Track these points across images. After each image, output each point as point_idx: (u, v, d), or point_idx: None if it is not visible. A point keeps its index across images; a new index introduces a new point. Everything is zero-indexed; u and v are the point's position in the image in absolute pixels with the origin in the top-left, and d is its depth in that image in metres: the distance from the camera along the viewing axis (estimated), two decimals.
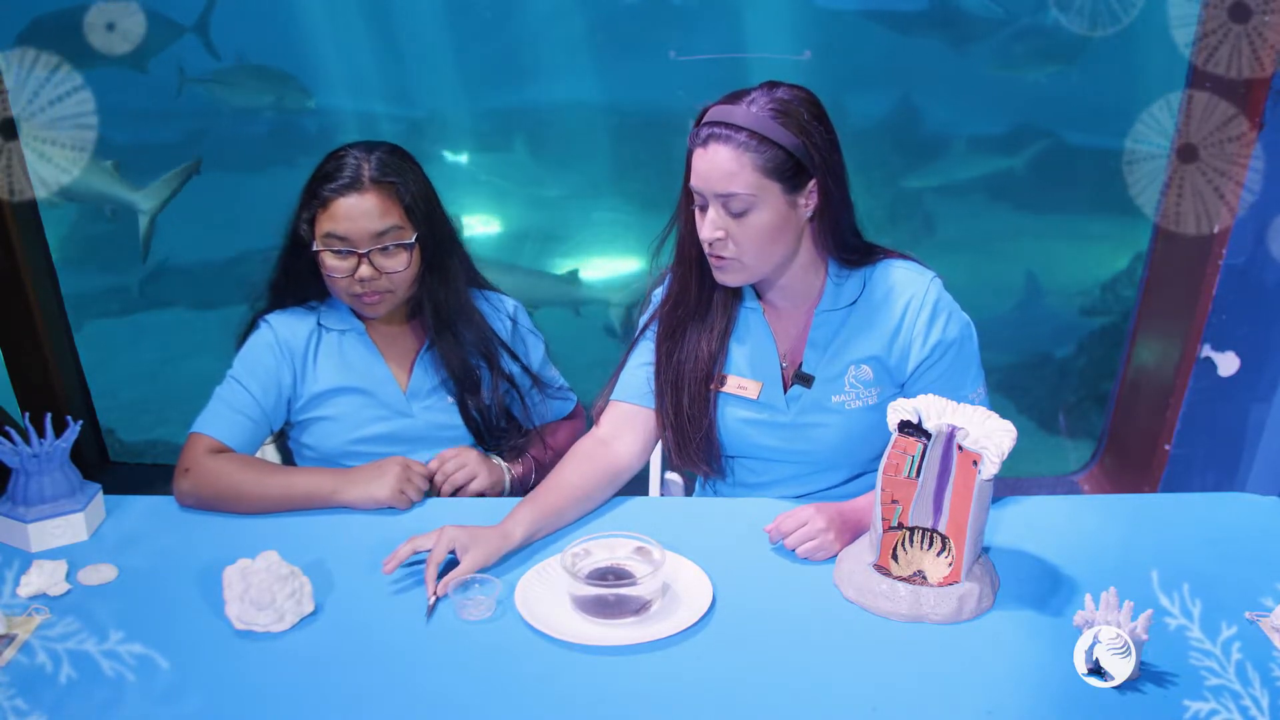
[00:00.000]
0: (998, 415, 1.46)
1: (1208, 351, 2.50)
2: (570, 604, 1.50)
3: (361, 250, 1.81)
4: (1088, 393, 4.85)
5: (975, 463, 1.44)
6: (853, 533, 1.65)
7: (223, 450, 1.83)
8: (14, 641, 1.44)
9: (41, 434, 1.70)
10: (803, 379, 1.78)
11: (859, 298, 1.76)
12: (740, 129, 1.61)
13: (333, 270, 1.83)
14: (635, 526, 1.59)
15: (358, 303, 1.87)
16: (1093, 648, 1.33)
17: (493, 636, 1.46)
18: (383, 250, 1.82)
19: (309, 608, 1.49)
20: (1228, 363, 2.51)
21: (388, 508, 1.78)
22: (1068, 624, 1.41)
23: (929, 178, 5.95)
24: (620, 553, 1.54)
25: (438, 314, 1.92)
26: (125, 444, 4.42)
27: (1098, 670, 1.33)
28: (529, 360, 2.02)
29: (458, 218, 1.98)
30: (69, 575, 1.60)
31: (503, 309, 2.03)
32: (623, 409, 1.85)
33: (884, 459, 1.50)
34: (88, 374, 3.27)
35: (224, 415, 1.87)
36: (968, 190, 5.94)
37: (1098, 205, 5.10)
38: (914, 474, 1.49)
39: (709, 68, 5.14)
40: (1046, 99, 5.77)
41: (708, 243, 1.67)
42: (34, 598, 1.55)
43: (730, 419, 1.82)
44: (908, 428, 1.48)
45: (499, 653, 1.43)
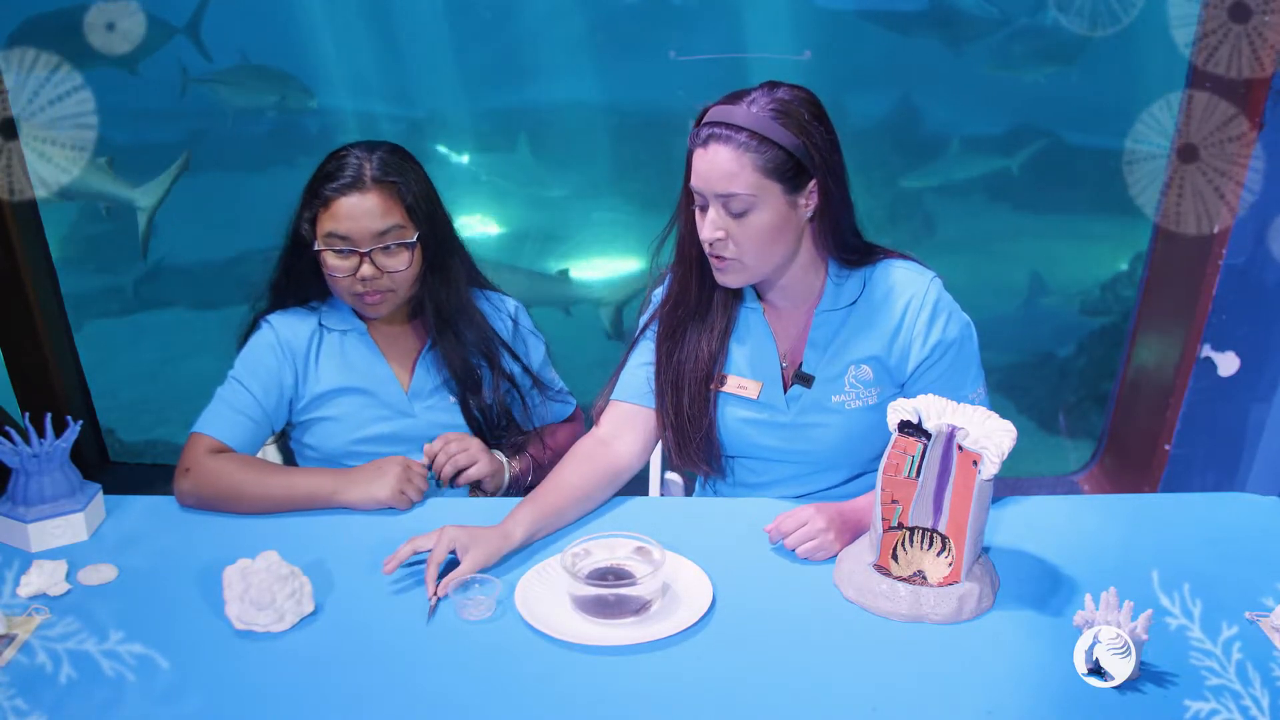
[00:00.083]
0: (998, 415, 1.46)
1: (1208, 351, 2.50)
2: (570, 604, 1.50)
3: (363, 250, 1.81)
4: (1088, 393, 4.86)
5: (975, 463, 1.44)
6: (853, 533, 1.65)
7: (223, 450, 1.83)
8: (14, 641, 1.44)
9: (41, 434, 1.70)
10: (803, 379, 1.78)
11: (859, 298, 1.76)
12: (741, 129, 1.61)
13: (334, 270, 1.83)
14: (635, 526, 1.59)
15: (359, 303, 1.87)
16: (1093, 648, 1.33)
17: (493, 636, 1.46)
18: (384, 249, 1.82)
19: (309, 608, 1.49)
20: (1228, 363, 2.51)
21: (388, 508, 1.78)
22: (1068, 624, 1.41)
23: (929, 178, 5.95)
24: (620, 553, 1.54)
25: (439, 313, 1.92)
26: (125, 444, 4.42)
27: (1098, 670, 1.33)
28: (529, 361, 2.02)
29: (453, 217, 1.98)
30: (69, 575, 1.60)
31: (504, 309, 2.03)
32: (623, 409, 1.85)
33: (884, 459, 1.50)
34: (88, 374, 3.27)
35: (225, 415, 1.87)
36: (968, 190, 5.95)
37: (1098, 205, 5.11)
38: (914, 474, 1.49)
39: (709, 68, 5.14)
40: (1046, 99, 5.77)
41: (708, 243, 1.67)
42: (34, 598, 1.55)
43: (730, 419, 1.82)
44: (908, 428, 1.48)
45: (499, 653, 1.43)
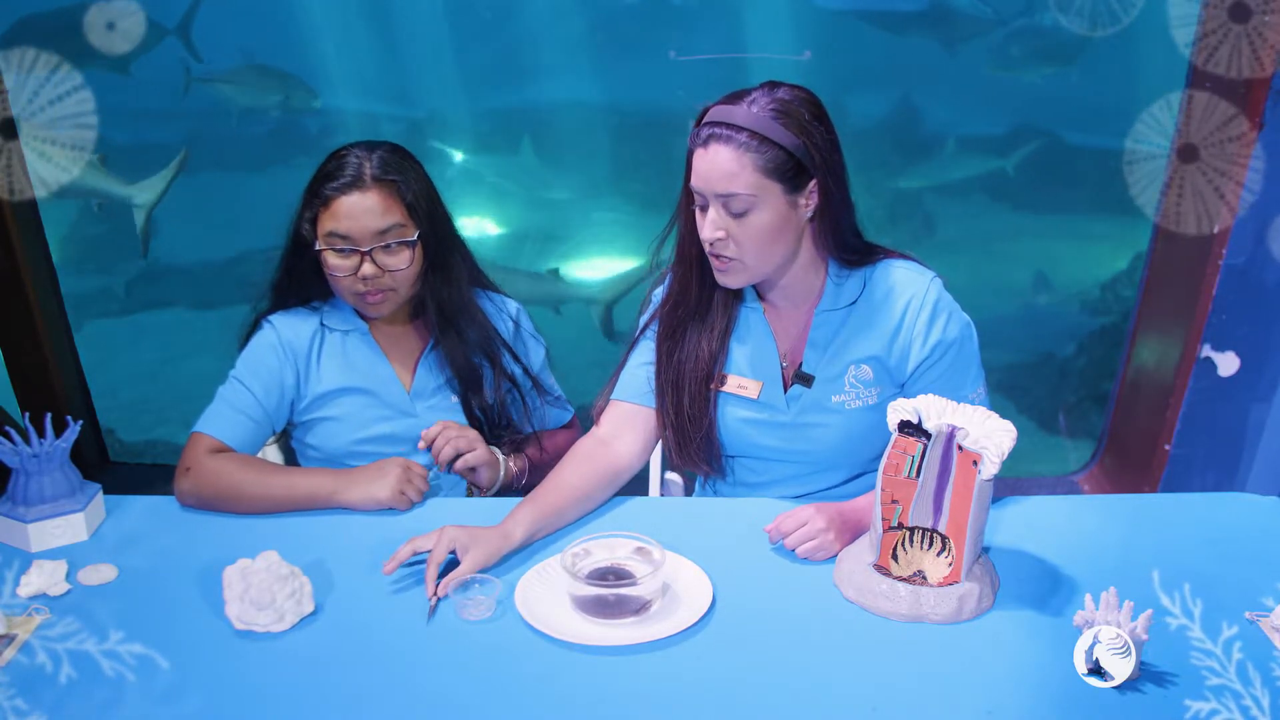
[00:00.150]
0: (998, 415, 1.46)
1: (1208, 351, 2.50)
2: (570, 604, 1.50)
3: (364, 248, 1.81)
4: (1088, 393, 4.85)
5: (975, 463, 1.44)
6: (853, 533, 1.65)
7: (224, 450, 1.83)
8: (14, 641, 1.44)
9: (41, 434, 1.70)
10: (803, 379, 1.78)
11: (859, 297, 1.76)
12: (741, 129, 1.61)
13: (335, 269, 1.83)
14: (635, 526, 1.59)
15: (361, 302, 1.87)
16: (1093, 648, 1.33)
17: (493, 636, 1.46)
18: (385, 248, 1.82)
19: (309, 608, 1.49)
20: (1228, 363, 2.51)
21: (388, 508, 1.78)
22: (1068, 624, 1.41)
23: (928, 178, 5.95)
24: (620, 553, 1.54)
25: (441, 312, 1.92)
26: (125, 444, 4.42)
27: (1098, 670, 1.33)
28: (529, 363, 2.02)
29: (454, 218, 1.98)
30: (69, 575, 1.60)
31: (506, 310, 2.03)
32: (623, 408, 1.85)
33: (884, 459, 1.50)
34: (88, 374, 3.27)
35: (226, 415, 1.86)
36: (968, 190, 5.95)
37: (1098, 205, 5.11)
38: (914, 474, 1.49)
39: (709, 68, 5.14)
40: (1046, 99, 5.78)
41: (708, 243, 1.67)
42: (34, 598, 1.55)
43: (730, 418, 1.82)
44: (908, 428, 1.48)
45: (499, 653, 1.43)
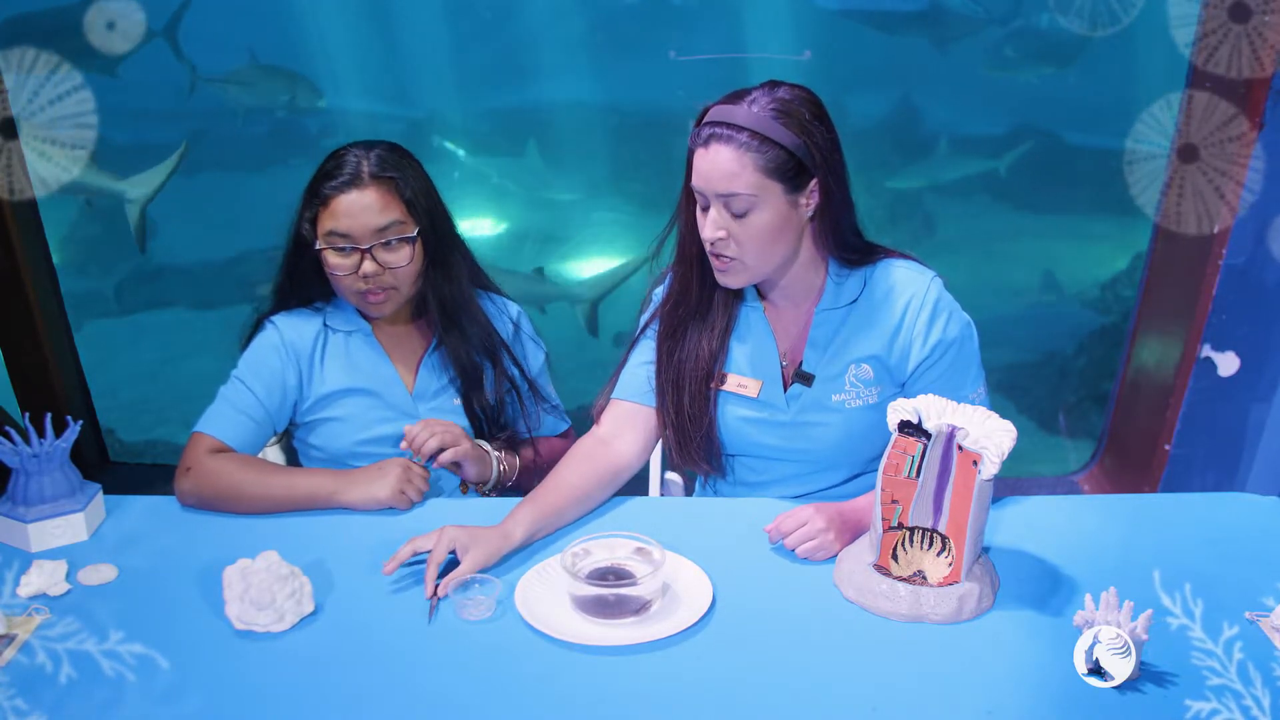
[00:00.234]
0: (998, 415, 1.46)
1: (1208, 351, 2.50)
2: (570, 604, 1.50)
3: (364, 246, 1.81)
4: (1088, 393, 4.85)
5: (975, 463, 1.44)
6: (853, 533, 1.64)
7: (224, 450, 1.83)
8: (14, 641, 1.44)
9: (41, 434, 1.70)
10: (803, 378, 1.78)
11: (859, 297, 1.76)
12: (742, 129, 1.61)
13: (336, 268, 1.83)
14: (635, 526, 1.59)
15: (363, 301, 1.87)
16: (1093, 648, 1.33)
17: (493, 636, 1.46)
18: (385, 245, 1.82)
19: (309, 608, 1.49)
20: (1228, 363, 2.51)
21: (388, 508, 1.78)
22: (1068, 624, 1.41)
23: (928, 177, 5.95)
24: (620, 553, 1.54)
25: (443, 309, 1.91)
26: (125, 444, 4.42)
27: (1098, 670, 1.33)
28: (527, 366, 2.02)
29: (455, 218, 1.97)
30: (69, 575, 1.60)
31: (506, 312, 2.03)
32: (623, 408, 1.85)
33: (884, 459, 1.50)
34: (88, 374, 3.27)
35: (227, 415, 1.86)
36: (968, 190, 5.95)
37: (1098, 205, 5.11)
38: (914, 474, 1.49)
39: (709, 68, 5.14)
40: (1047, 99, 5.78)
41: (709, 242, 1.67)
42: (34, 598, 1.55)
43: (730, 417, 1.82)
44: (908, 428, 1.48)
45: (499, 653, 1.43)
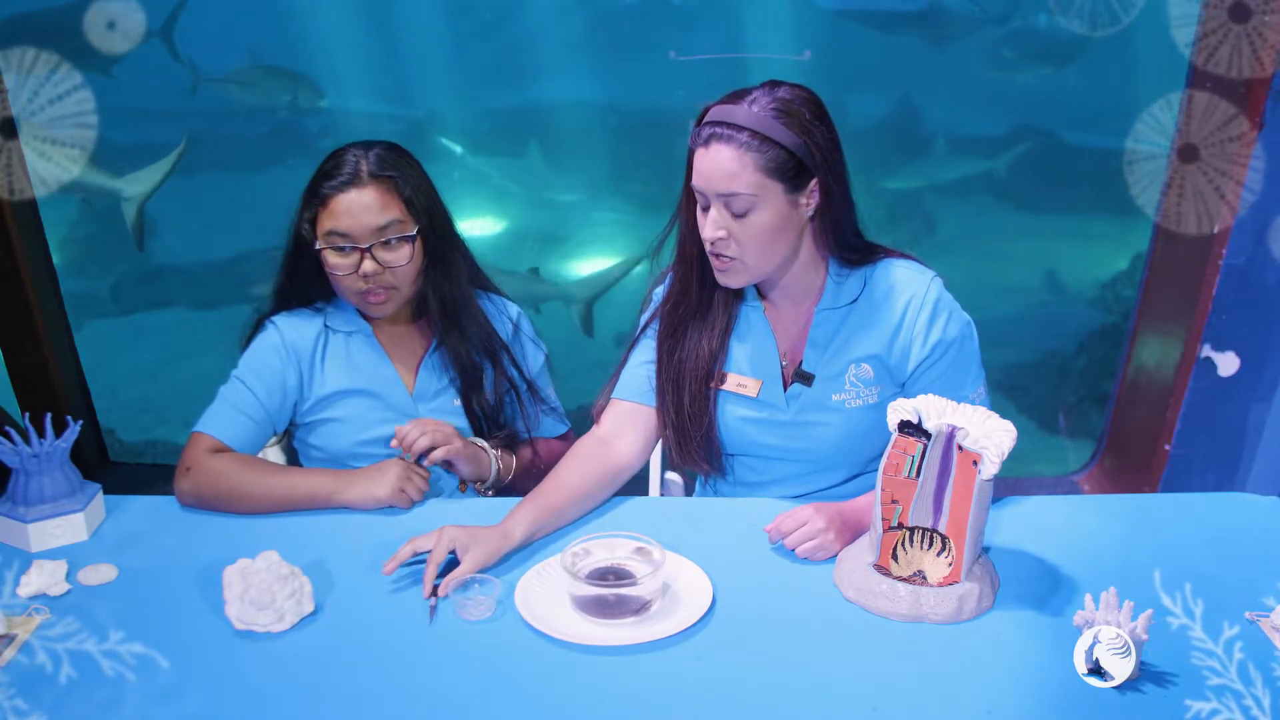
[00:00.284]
0: (998, 415, 1.46)
1: (1208, 351, 2.50)
2: (570, 604, 1.50)
3: (363, 245, 1.81)
4: (1088, 393, 4.85)
5: (975, 463, 1.44)
6: (853, 533, 1.65)
7: (224, 450, 1.83)
8: (14, 641, 1.44)
9: (41, 434, 1.70)
10: (803, 377, 1.78)
11: (859, 296, 1.76)
12: (742, 129, 1.61)
13: (336, 268, 1.83)
14: (635, 526, 1.59)
15: (363, 302, 1.87)
16: (1093, 648, 1.33)
17: (493, 636, 1.46)
18: (385, 244, 1.82)
19: (309, 608, 1.49)
20: (1228, 363, 2.51)
21: (388, 507, 1.78)
22: (1068, 624, 1.41)
23: (928, 177, 5.95)
24: (620, 553, 1.54)
25: (443, 308, 1.91)
26: (125, 444, 4.42)
27: (1098, 670, 1.33)
28: (526, 367, 2.02)
29: (455, 218, 1.97)
30: (69, 575, 1.60)
31: (506, 313, 2.03)
32: (624, 407, 1.85)
33: (884, 459, 1.50)
34: (88, 374, 3.26)
35: (227, 415, 1.86)
36: (968, 190, 5.94)
37: (1098, 205, 5.10)
38: (914, 474, 1.49)
39: (709, 68, 5.13)
40: (1046, 99, 5.77)
41: (709, 242, 1.67)
42: (34, 598, 1.55)
43: (730, 417, 1.82)
44: (908, 428, 1.48)
45: (499, 653, 1.43)
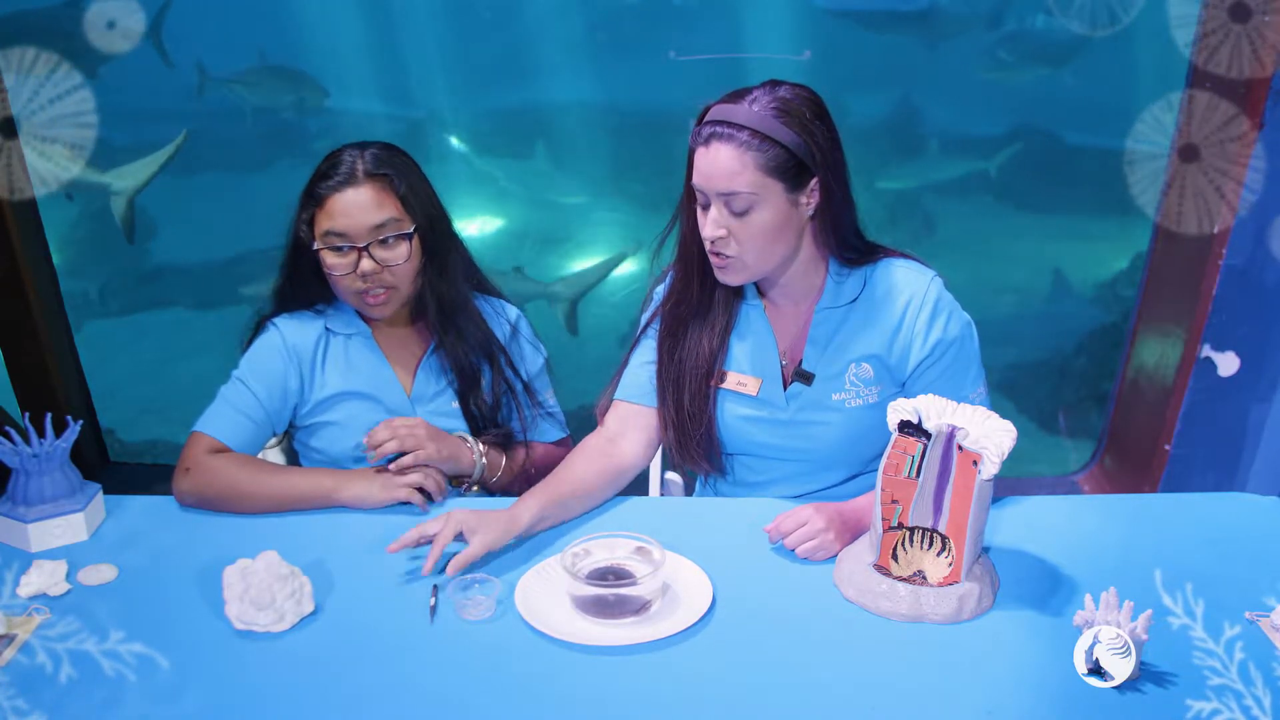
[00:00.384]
0: (998, 415, 1.46)
1: (1208, 351, 2.50)
2: (570, 604, 1.50)
3: (360, 244, 1.81)
4: (1088, 393, 4.85)
5: (975, 463, 1.44)
6: (853, 533, 1.65)
7: (224, 450, 1.83)
8: (14, 641, 1.44)
9: (41, 434, 1.70)
10: (803, 376, 1.78)
11: (859, 296, 1.76)
12: (742, 128, 1.61)
13: (333, 268, 1.83)
14: (635, 526, 1.59)
15: (362, 302, 1.87)
16: (1093, 648, 1.33)
17: (493, 636, 1.46)
18: (382, 243, 1.82)
19: (309, 608, 1.49)
20: (1228, 363, 2.51)
21: (386, 507, 1.78)
22: (1068, 624, 1.41)
23: (928, 177, 5.95)
24: (620, 553, 1.54)
25: (441, 308, 1.91)
26: (125, 444, 4.42)
27: (1098, 670, 1.33)
28: (525, 370, 2.01)
29: (455, 218, 1.97)
30: (69, 575, 1.60)
31: (504, 315, 2.02)
32: (627, 409, 1.85)
33: (884, 459, 1.50)
34: (88, 374, 3.26)
35: (227, 415, 1.86)
36: (968, 190, 5.94)
37: (1098, 205, 5.10)
38: (914, 474, 1.49)
39: (709, 68, 5.14)
40: (1046, 99, 5.77)
41: (709, 241, 1.67)
42: (34, 598, 1.55)
43: (730, 415, 1.82)
44: (908, 428, 1.48)
45: (499, 653, 1.43)
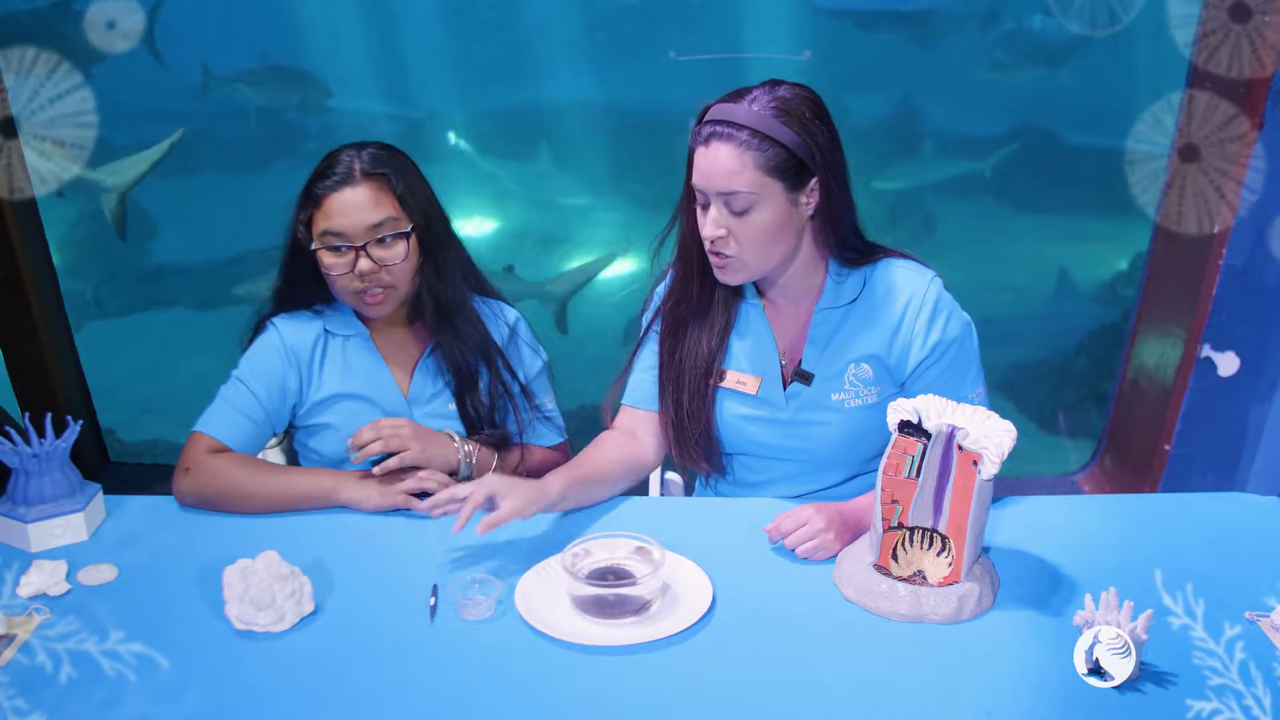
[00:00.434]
0: (998, 415, 1.46)
1: (1208, 351, 2.50)
2: (570, 604, 1.50)
3: (358, 244, 1.81)
4: (1088, 393, 4.85)
5: (975, 463, 1.44)
6: (852, 533, 1.65)
7: (223, 450, 1.83)
8: (14, 641, 1.44)
9: (41, 434, 1.70)
10: (802, 376, 1.78)
11: (859, 296, 1.76)
12: (742, 127, 1.61)
13: (331, 267, 1.83)
14: (635, 526, 1.59)
15: (360, 302, 1.87)
16: (1093, 648, 1.33)
17: (493, 636, 1.46)
18: (379, 242, 1.82)
19: (309, 608, 1.49)
20: (1228, 363, 2.51)
21: (385, 508, 1.77)
22: (1068, 624, 1.41)
23: (928, 177, 5.95)
24: (620, 553, 1.55)
25: (438, 307, 1.91)
26: (125, 444, 4.42)
27: (1098, 670, 1.33)
28: (523, 372, 2.01)
29: (455, 218, 1.97)
30: (69, 575, 1.60)
31: (503, 317, 2.01)
32: (633, 414, 1.87)
33: (884, 459, 1.50)
34: (88, 374, 3.26)
35: (226, 415, 1.86)
36: (968, 190, 5.94)
37: (1098, 205, 5.10)
38: (914, 474, 1.49)
39: (709, 68, 5.14)
40: (1046, 99, 5.77)
41: (709, 240, 1.67)
42: (34, 598, 1.55)
43: (729, 415, 1.82)
44: (908, 428, 1.48)
45: (499, 653, 1.43)
